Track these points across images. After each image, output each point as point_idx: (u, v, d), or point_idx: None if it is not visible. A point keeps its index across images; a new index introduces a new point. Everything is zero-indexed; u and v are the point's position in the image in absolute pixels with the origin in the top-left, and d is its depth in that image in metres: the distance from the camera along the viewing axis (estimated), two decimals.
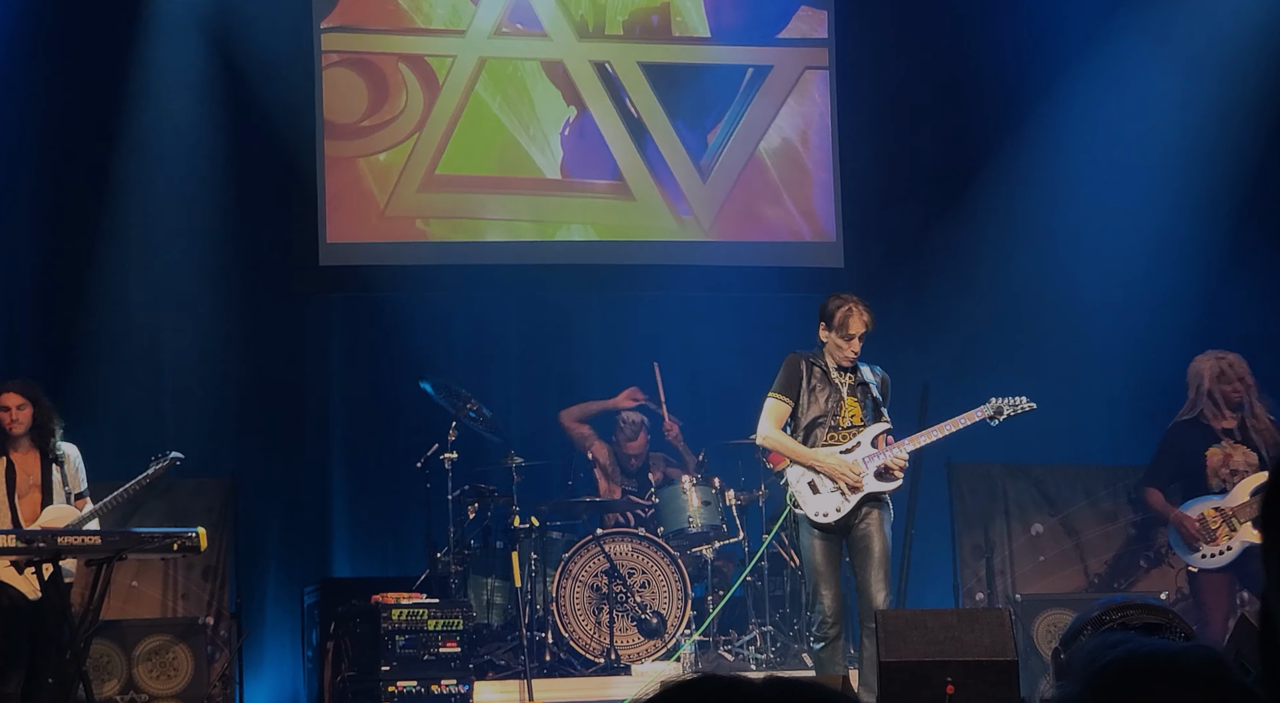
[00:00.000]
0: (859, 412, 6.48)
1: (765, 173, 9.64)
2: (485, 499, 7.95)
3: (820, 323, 6.53)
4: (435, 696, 7.00)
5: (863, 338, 6.44)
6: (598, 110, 9.47)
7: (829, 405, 6.46)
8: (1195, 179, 9.26)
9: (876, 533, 6.34)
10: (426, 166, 9.35)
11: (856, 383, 6.51)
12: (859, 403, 6.48)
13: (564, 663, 7.58)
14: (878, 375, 6.61)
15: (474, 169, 9.44)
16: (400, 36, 9.43)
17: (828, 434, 6.45)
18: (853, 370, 6.52)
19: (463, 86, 9.41)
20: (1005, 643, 5.54)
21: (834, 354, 6.48)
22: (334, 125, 9.28)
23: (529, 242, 9.46)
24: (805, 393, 6.50)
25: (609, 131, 9.48)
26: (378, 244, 9.34)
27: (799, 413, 6.52)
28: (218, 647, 8.03)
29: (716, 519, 7.95)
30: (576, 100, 9.49)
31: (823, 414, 6.45)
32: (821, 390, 6.47)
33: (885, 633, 5.57)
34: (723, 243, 9.59)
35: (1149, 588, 8.32)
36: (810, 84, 9.70)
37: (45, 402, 6.84)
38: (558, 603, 7.64)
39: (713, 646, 7.73)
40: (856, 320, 6.39)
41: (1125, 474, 8.76)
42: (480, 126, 9.43)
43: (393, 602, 7.21)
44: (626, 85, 9.53)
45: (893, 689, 5.49)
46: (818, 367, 6.52)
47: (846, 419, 6.49)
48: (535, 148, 9.46)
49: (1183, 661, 1.08)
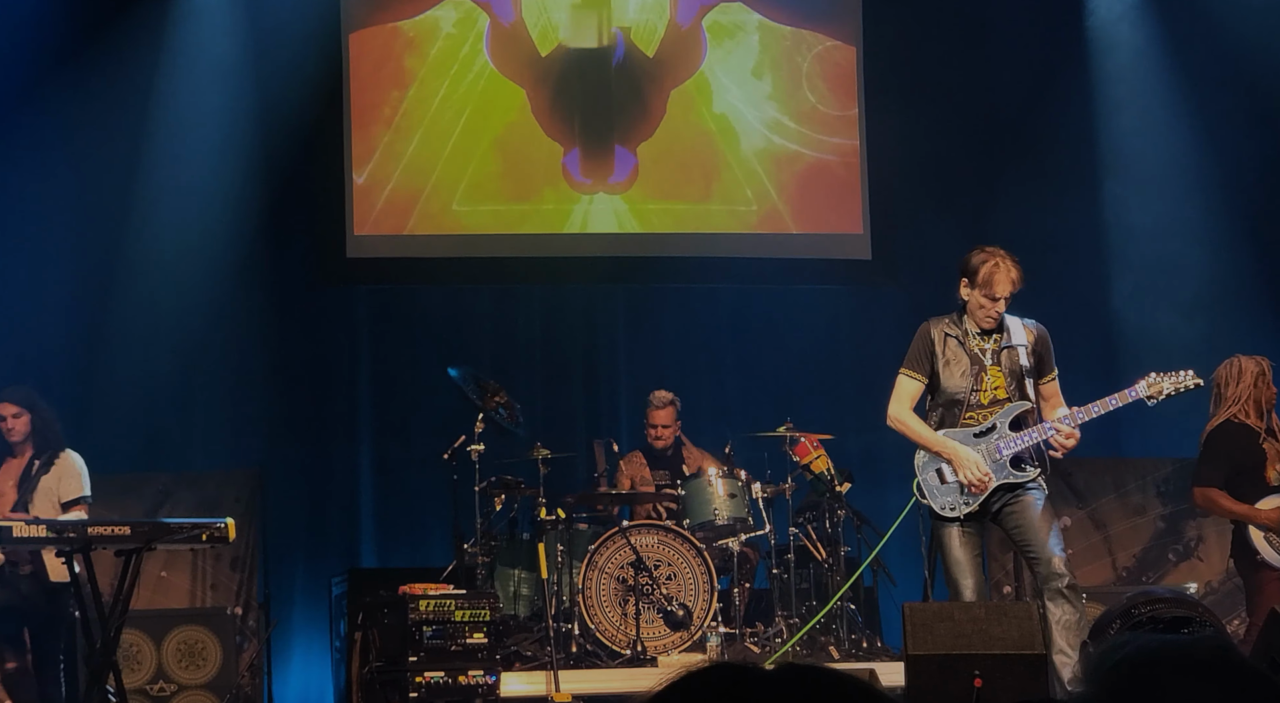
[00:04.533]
0: (1003, 383, 5.77)
1: (792, 165, 9.62)
2: (512, 491, 7.96)
3: (961, 279, 5.76)
4: (462, 686, 7.01)
5: (1008, 299, 5.69)
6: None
7: (968, 380, 5.76)
8: (1233, 178, 9.21)
9: (1028, 508, 5.71)
10: (452, 160, 9.36)
11: (1001, 347, 5.77)
12: (1003, 372, 5.76)
13: (590, 654, 7.59)
14: (1032, 332, 5.83)
15: (500, 161, 9.45)
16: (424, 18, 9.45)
17: (967, 414, 5.77)
18: (998, 331, 5.77)
19: (486, 75, 9.43)
20: (1033, 636, 5.51)
21: (975, 315, 5.75)
22: (361, 119, 9.30)
23: (554, 234, 9.47)
24: (941, 367, 5.78)
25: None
26: (404, 237, 9.36)
27: (936, 391, 5.82)
28: (246, 637, 8.06)
29: (743, 512, 7.93)
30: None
31: (961, 390, 5.75)
32: (958, 362, 5.77)
33: (912, 625, 5.55)
34: (748, 234, 9.58)
35: (1178, 581, 8.28)
36: (839, 75, 9.67)
37: (43, 409, 6.95)
38: (584, 595, 7.65)
39: (739, 638, 7.73)
40: (1004, 277, 5.65)
41: (1154, 467, 8.72)
42: (505, 119, 9.45)
43: (420, 593, 7.22)
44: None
45: (920, 682, 5.46)
46: (953, 334, 5.79)
47: (989, 394, 5.78)
48: (564, 137, 9.47)
49: (1193, 652, 1.07)
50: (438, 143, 9.38)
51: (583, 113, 9.52)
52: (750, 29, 9.69)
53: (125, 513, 7.50)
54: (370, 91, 9.38)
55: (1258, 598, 6.85)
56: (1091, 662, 1.17)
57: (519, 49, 9.50)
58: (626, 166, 9.53)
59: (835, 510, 8.01)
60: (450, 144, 9.39)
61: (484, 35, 9.48)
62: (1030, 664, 5.44)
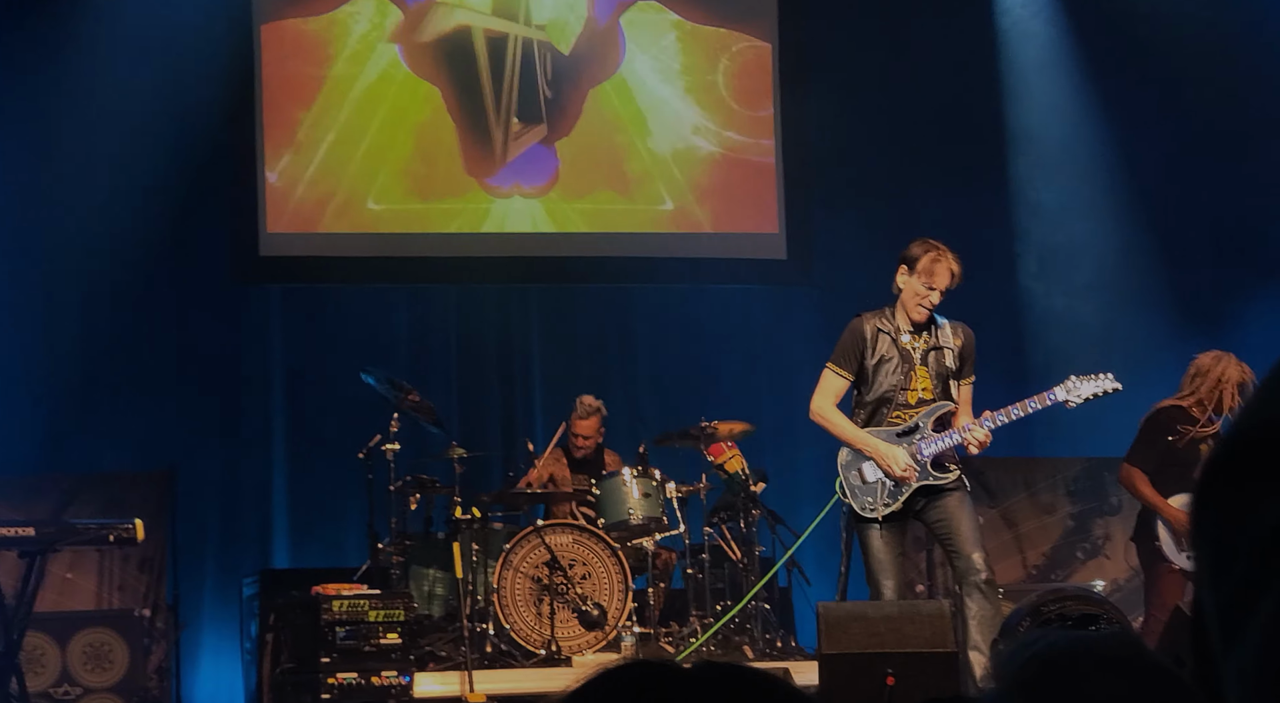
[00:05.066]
0: (930, 384, 5.76)
1: (708, 165, 9.64)
2: (427, 490, 7.92)
3: (900, 267, 5.74)
4: (375, 687, 6.96)
5: (944, 293, 5.68)
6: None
7: (898, 378, 5.73)
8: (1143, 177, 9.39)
9: (951, 504, 5.74)
10: (367, 158, 9.29)
11: (930, 348, 5.76)
12: (930, 374, 5.76)
13: (505, 654, 7.57)
14: (959, 335, 5.83)
15: (416, 160, 9.40)
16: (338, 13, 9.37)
17: (894, 413, 5.76)
18: (928, 329, 5.76)
19: (402, 71, 9.36)
20: (945, 635, 5.57)
21: (908, 304, 5.72)
22: (274, 114, 9.21)
23: (470, 233, 9.43)
24: (870, 364, 5.76)
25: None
26: (318, 235, 9.28)
27: (864, 388, 5.79)
28: (154, 639, 7.95)
29: (657, 511, 7.94)
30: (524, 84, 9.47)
31: (891, 389, 5.73)
32: (889, 360, 5.73)
33: (826, 625, 5.58)
34: (664, 234, 9.59)
35: (1086, 579, 8.40)
36: (755, 74, 9.71)
37: None
38: (499, 594, 7.62)
39: (654, 638, 7.73)
40: (944, 269, 5.65)
41: (1064, 467, 8.85)
42: (421, 117, 9.39)
43: (333, 593, 7.16)
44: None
45: (834, 681, 5.50)
46: (885, 330, 5.75)
47: (916, 394, 5.77)
48: (480, 135, 9.43)
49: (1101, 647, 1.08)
50: (352, 140, 9.30)
51: (498, 111, 9.48)
52: (667, 28, 9.70)
53: (30, 514, 7.36)
54: (283, 86, 9.28)
55: (1155, 591, 6.94)
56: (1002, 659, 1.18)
57: (432, 46, 9.44)
58: (547, 168, 9.50)
59: (750, 510, 8.03)
60: (365, 142, 9.31)
61: (396, 32, 9.41)
62: (942, 663, 5.50)
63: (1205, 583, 0.58)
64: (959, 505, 5.81)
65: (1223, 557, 0.57)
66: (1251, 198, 9.44)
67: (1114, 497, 8.57)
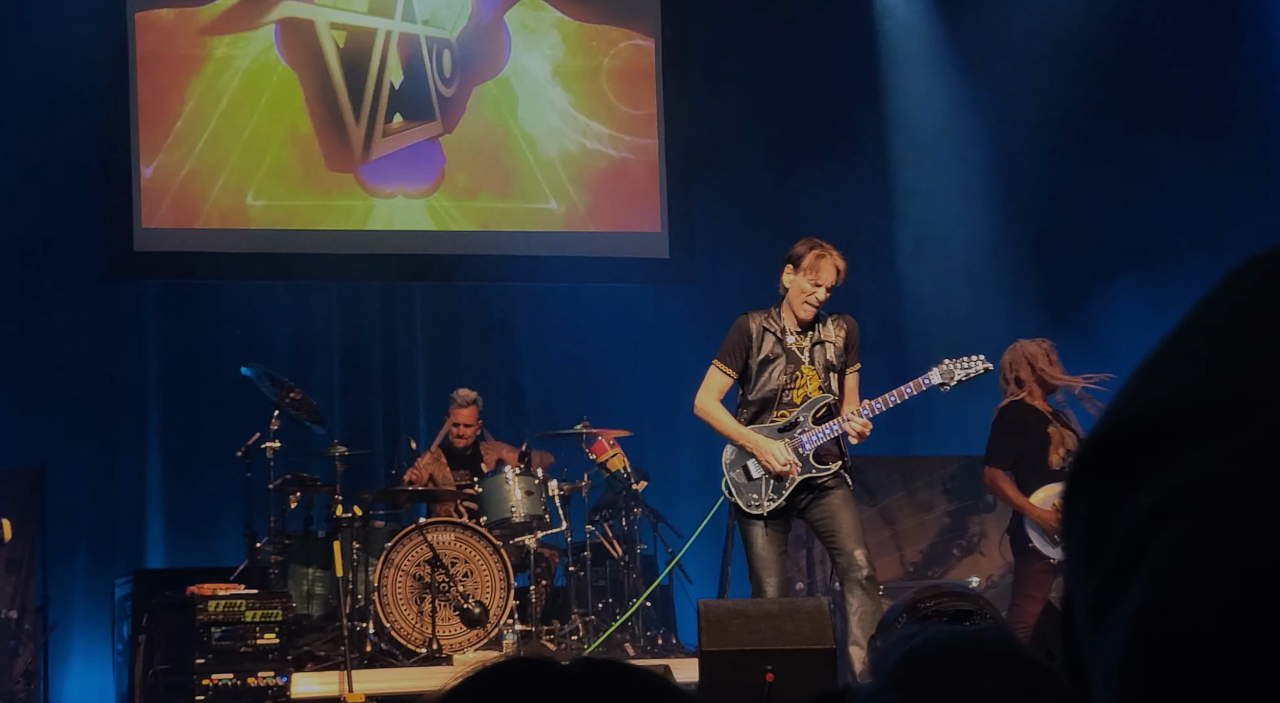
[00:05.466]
0: (817, 381, 5.77)
1: (591, 163, 9.65)
2: (307, 488, 7.84)
3: (785, 266, 5.76)
4: (251, 688, 6.87)
5: (830, 290, 5.71)
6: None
7: (784, 378, 5.75)
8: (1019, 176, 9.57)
9: (833, 501, 5.78)
10: (245, 152, 9.16)
11: (815, 343, 5.79)
12: (817, 370, 5.77)
13: (385, 653, 7.51)
14: (842, 326, 5.85)
15: (294, 156, 9.28)
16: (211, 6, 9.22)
17: (778, 411, 5.78)
18: (812, 325, 5.78)
19: (280, 64, 9.24)
20: (824, 632, 5.62)
21: (795, 303, 5.74)
22: (147, 110, 9.03)
23: (352, 230, 9.33)
24: (756, 364, 5.76)
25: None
26: (195, 230, 9.12)
27: (748, 387, 5.81)
28: (21, 642, 7.77)
29: (539, 509, 7.93)
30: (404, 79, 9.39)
31: (776, 388, 5.74)
32: (775, 360, 5.75)
33: (707, 623, 5.61)
34: (547, 233, 9.58)
35: (961, 576, 8.54)
36: (638, 72, 9.73)
37: None
38: (380, 593, 7.56)
39: (536, 635, 7.72)
40: (830, 266, 5.67)
41: (941, 465, 8.98)
42: (298, 109, 9.27)
43: (209, 593, 7.05)
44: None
45: (714, 678, 5.53)
46: (771, 329, 5.76)
47: (802, 392, 5.78)
48: (359, 132, 9.33)
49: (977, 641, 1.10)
50: (231, 135, 9.15)
51: (381, 107, 9.39)
52: (550, 25, 9.68)
53: None
54: (158, 77, 9.11)
55: (1024, 584, 7.11)
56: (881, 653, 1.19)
57: (311, 41, 9.32)
58: (434, 165, 9.43)
59: (632, 508, 8.06)
60: (245, 137, 9.17)
61: (274, 26, 9.27)
62: (821, 659, 5.55)
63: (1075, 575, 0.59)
64: (842, 503, 5.87)
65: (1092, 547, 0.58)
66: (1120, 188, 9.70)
67: (989, 495, 8.72)
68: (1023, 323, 8.96)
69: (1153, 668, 0.54)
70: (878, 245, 9.46)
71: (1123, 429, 0.59)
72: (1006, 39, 9.53)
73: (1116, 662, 0.55)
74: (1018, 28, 9.49)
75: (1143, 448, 0.57)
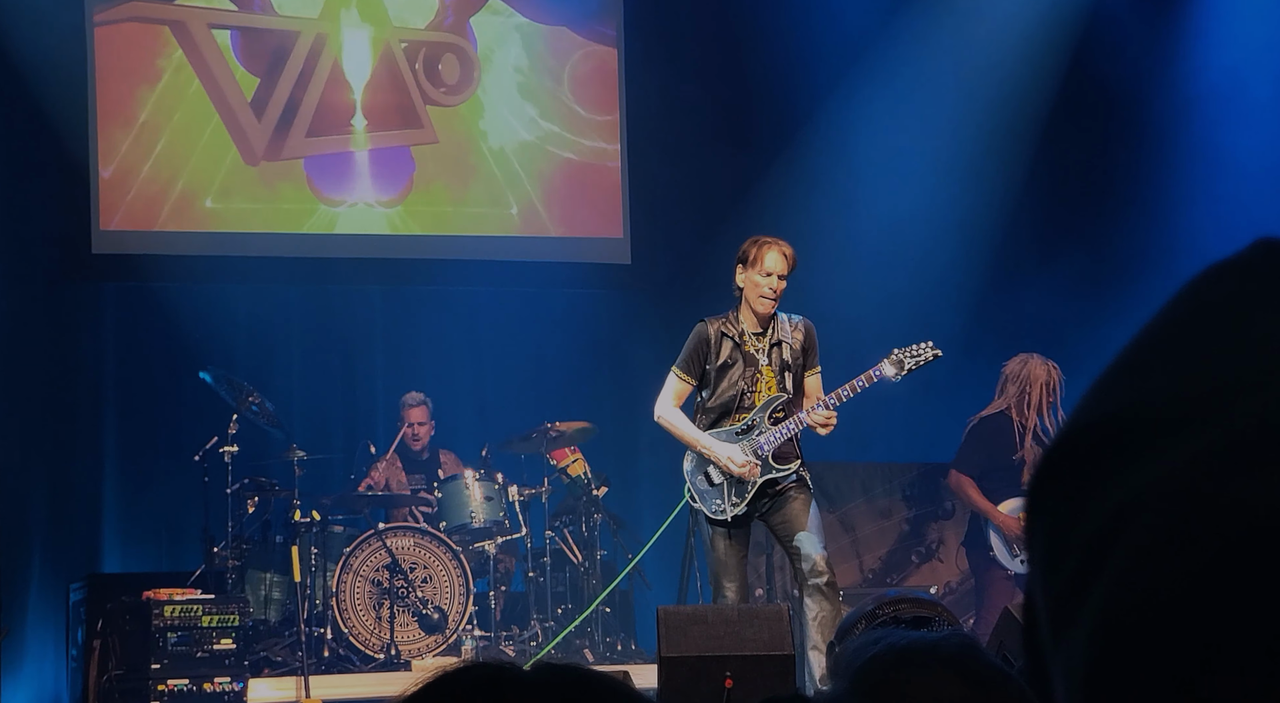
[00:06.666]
0: (775, 383, 5.80)
1: (553, 168, 9.64)
2: (265, 493, 7.80)
3: (736, 267, 5.81)
4: (207, 694, 6.83)
5: (783, 278, 5.73)
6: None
7: (744, 383, 5.76)
8: (977, 182, 9.62)
9: (794, 506, 5.80)
10: (203, 155, 9.10)
11: (772, 344, 5.81)
12: (775, 372, 5.79)
13: (343, 659, 7.48)
14: (799, 329, 5.88)
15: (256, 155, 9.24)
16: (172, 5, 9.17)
17: (738, 415, 5.80)
18: (769, 327, 5.80)
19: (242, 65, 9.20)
20: (783, 638, 5.63)
21: (752, 299, 5.76)
22: (107, 109, 8.96)
23: (311, 234, 9.29)
24: (714, 370, 5.78)
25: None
26: (154, 233, 9.06)
27: (706, 392, 5.82)
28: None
29: (499, 515, 7.92)
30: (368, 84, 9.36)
31: (736, 393, 5.77)
32: (734, 365, 5.77)
33: (666, 628, 5.61)
34: (508, 237, 9.57)
35: (920, 582, 8.57)
36: (601, 78, 9.73)
37: None
38: (338, 598, 7.53)
39: (495, 641, 7.71)
40: (776, 253, 5.70)
41: (901, 472, 9.02)
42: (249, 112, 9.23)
43: (165, 598, 7.01)
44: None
45: (673, 684, 5.53)
46: (729, 335, 5.78)
47: (763, 395, 5.81)
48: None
49: (939, 648, 1.11)
50: (189, 138, 9.09)
51: (340, 112, 9.35)
52: (511, 30, 9.67)
53: None
54: (117, 77, 9.04)
55: (986, 595, 7.16)
56: (841, 659, 1.20)
57: (269, 44, 9.27)
58: (402, 176, 9.40)
59: (591, 514, 8.05)
60: (204, 139, 9.12)
61: (230, 30, 9.22)
62: (780, 665, 5.56)
63: (1038, 580, 0.59)
64: (803, 508, 5.89)
65: (1054, 553, 0.59)
66: (1076, 196, 9.77)
67: (948, 502, 8.77)
68: (980, 326, 9.01)
69: (1116, 670, 0.55)
70: (839, 249, 9.48)
71: (1085, 436, 0.60)
72: (968, 40, 9.57)
73: (1080, 665, 0.56)
74: (979, 30, 9.55)
75: (1104, 454, 0.58)
